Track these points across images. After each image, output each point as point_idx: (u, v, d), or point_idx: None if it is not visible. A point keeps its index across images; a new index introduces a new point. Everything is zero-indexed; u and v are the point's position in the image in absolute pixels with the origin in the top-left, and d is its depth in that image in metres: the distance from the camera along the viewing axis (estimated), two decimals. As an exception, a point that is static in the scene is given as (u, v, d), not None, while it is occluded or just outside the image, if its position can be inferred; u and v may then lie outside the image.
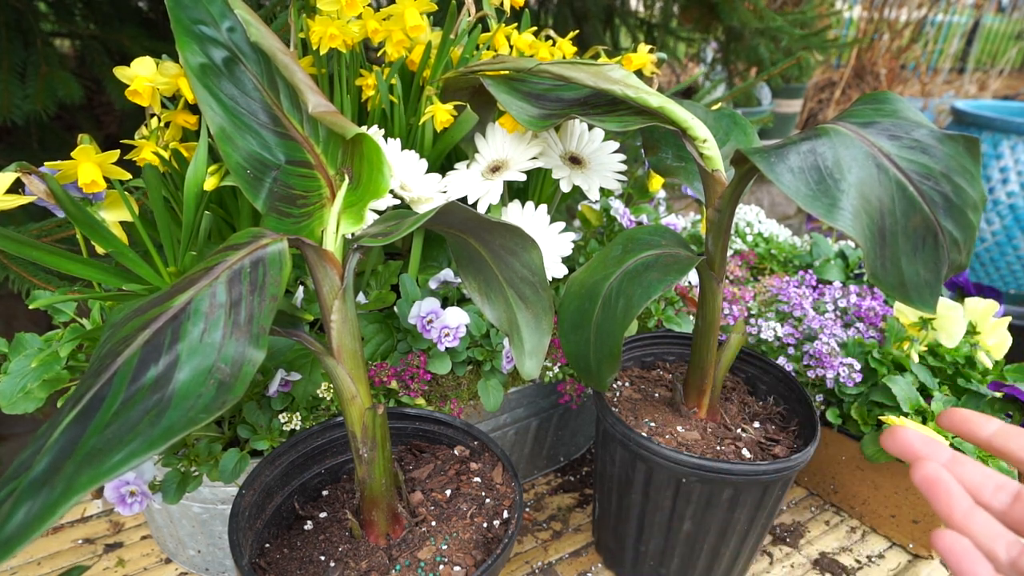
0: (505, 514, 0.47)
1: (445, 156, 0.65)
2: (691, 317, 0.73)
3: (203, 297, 0.30)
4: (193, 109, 0.55)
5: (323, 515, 0.48)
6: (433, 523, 0.46)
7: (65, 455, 0.24)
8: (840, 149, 0.37)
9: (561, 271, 0.61)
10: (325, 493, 0.50)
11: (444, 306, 0.57)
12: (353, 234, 0.39)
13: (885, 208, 0.36)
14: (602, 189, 0.68)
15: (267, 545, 0.45)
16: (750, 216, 1.01)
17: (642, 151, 0.59)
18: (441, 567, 0.42)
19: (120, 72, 0.51)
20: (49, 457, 0.24)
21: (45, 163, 0.48)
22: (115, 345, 0.28)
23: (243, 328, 0.29)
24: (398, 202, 0.57)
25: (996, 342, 0.67)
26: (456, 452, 0.52)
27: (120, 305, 0.50)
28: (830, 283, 0.83)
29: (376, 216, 0.44)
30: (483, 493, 0.49)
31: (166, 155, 0.54)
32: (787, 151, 0.37)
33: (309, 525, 0.47)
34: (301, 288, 0.58)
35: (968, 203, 0.37)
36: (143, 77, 0.51)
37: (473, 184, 0.60)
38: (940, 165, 0.37)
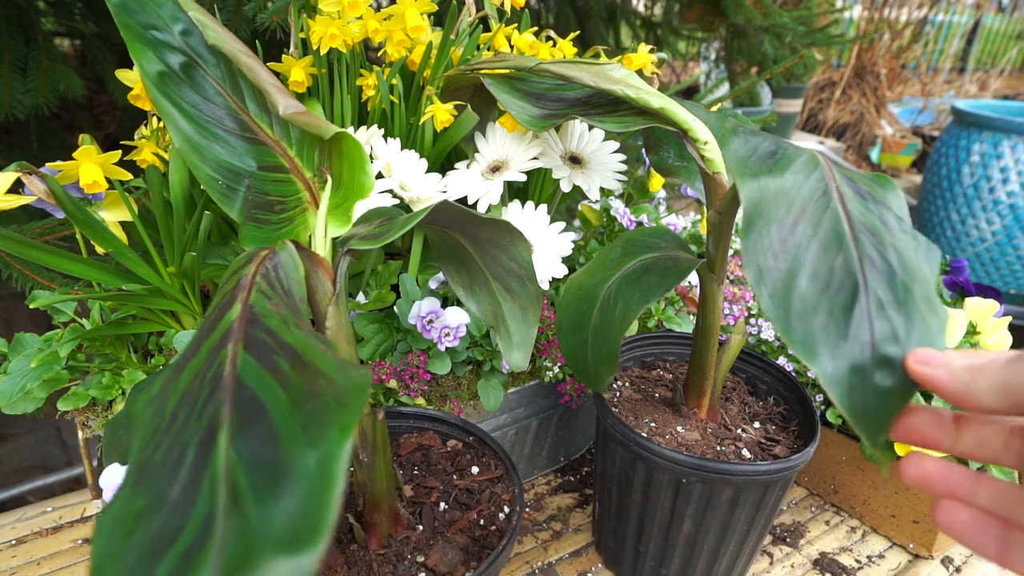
0: (505, 513, 0.47)
1: (445, 156, 0.65)
2: (691, 317, 0.73)
3: (258, 300, 0.28)
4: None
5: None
6: (434, 523, 0.46)
7: (265, 456, 0.20)
8: (800, 156, 0.35)
9: (561, 271, 0.61)
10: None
11: (444, 306, 0.57)
12: (342, 237, 0.39)
13: (806, 224, 0.31)
14: (602, 189, 0.68)
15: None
16: (750, 216, 1.00)
17: (643, 150, 0.59)
18: (441, 566, 0.42)
19: (122, 75, 0.51)
20: (246, 473, 0.20)
21: (47, 163, 0.48)
22: (194, 379, 0.25)
23: (303, 322, 0.28)
24: (397, 202, 0.57)
25: (996, 342, 0.67)
26: (455, 451, 0.52)
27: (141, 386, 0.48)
28: (830, 283, 0.83)
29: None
30: (483, 492, 0.49)
31: (166, 156, 0.54)
32: (760, 135, 0.37)
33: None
34: (301, 288, 0.58)
35: (921, 294, 0.29)
36: (144, 79, 0.51)
37: (473, 184, 0.60)
38: (895, 240, 0.31)
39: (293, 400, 0.22)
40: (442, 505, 0.48)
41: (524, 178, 0.60)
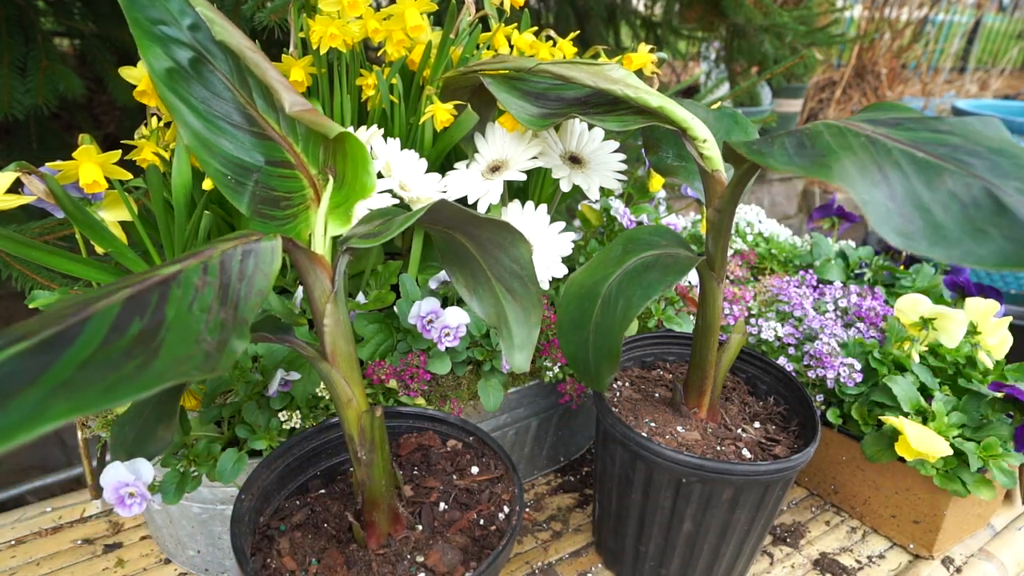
0: (505, 513, 0.47)
1: (445, 156, 0.65)
2: (691, 317, 0.73)
3: (194, 270, 0.29)
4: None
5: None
6: (433, 523, 0.46)
7: (20, 383, 0.21)
8: (828, 134, 0.36)
9: (561, 271, 0.61)
10: (323, 492, 0.50)
11: (444, 306, 0.56)
12: (342, 235, 0.39)
13: (892, 172, 0.31)
14: (602, 189, 0.68)
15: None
16: (750, 216, 1.01)
17: (643, 150, 0.59)
18: (441, 566, 0.42)
19: (126, 72, 0.51)
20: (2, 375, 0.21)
21: (47, 163, 0.48)
22: (84, 301, 0.26)
23: (230, 312, 0.28)
24: (397, 202, 0.57)
25: (997, 342, 0.67)
26: (455, 451, 0.52)
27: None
28: (830, 283, 0.83)
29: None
30: (483, 492, 0.49)
31: (166, 155, 0.54)
32: (773, 138, 0.37)
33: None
34: (301, 288, 0.58)
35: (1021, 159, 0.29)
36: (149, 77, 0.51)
37: (473, 184, 0.60)
38: (959, 139, 0.32)
39: (87, 360, 0.23)
40: (442, 505, 0.48)
41: (524, 178, 0.59)
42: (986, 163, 0.29)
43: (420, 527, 0.46)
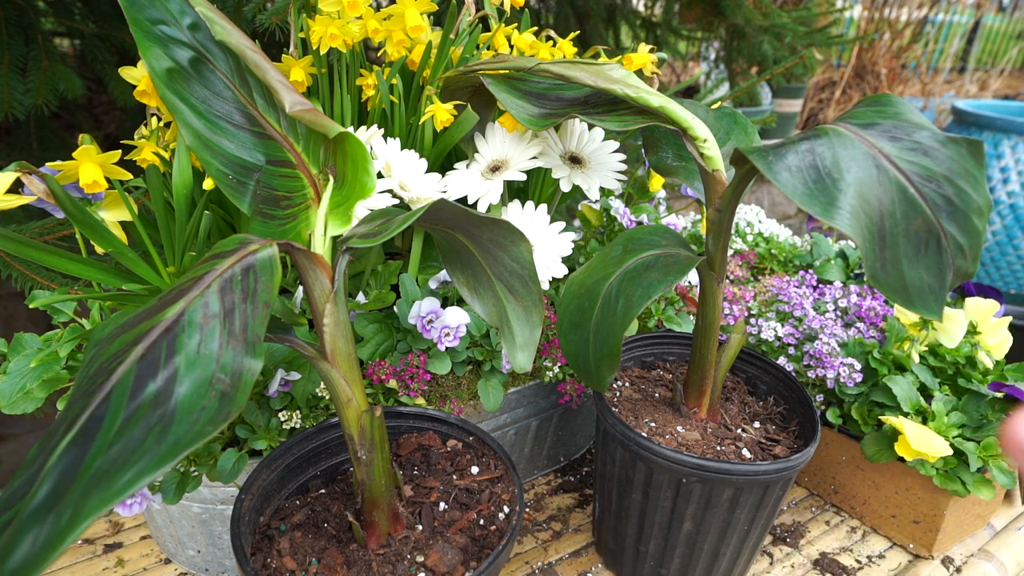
0: (505, 513, 0.47)
1: (445, 156, 0.65)
2: (691, 317, 0.73)
3: (196, 308, 0.29)
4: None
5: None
6: (433, 523, 0.46)
7: (68, 479, 0.23)
8: (839, 149, 0.37)
9: (561, 271, 0.61)
10: (323, 492, 0.50)
11: (444, 306, 0.56)
12: (342, 235, 0.39)
13: (885, 209, 0.35)
14: (602, 189, 0.68)
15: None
16: (750, 216, 1.01)
17: (643, 150, 0.59)
18: (441, 566, 0.42)
19: (126, 72, 0.51)
20: (50, 482, 0.23)
21: (47, 163, 0.48)
22: (106, 362, 0.27)
23: (239, 337, 0.28)
24: (397, 202, 0.57)
25: (997, 342, 0.67)
26: (455, 451, 0.52)
27: (101, 323, 0.49)
28: (830, 283, 0.83)
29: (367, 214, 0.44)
30: (483, 492, 0.49)
31: (166, 155, 0.54)
32: (785, 150, 0.37)
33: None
34: (301, 288, 0.58)
35: (972, 207, 0.36)
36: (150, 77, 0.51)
37: (473, 184, 0.60)
38: (942, 168, 0.36)
39: (113, 440, 0.24)
40: (442, 505, 0.48)
41: (524, 177, 0.59)
42: (949, 212, 0.37)
43: (420, 527, 0.46)
